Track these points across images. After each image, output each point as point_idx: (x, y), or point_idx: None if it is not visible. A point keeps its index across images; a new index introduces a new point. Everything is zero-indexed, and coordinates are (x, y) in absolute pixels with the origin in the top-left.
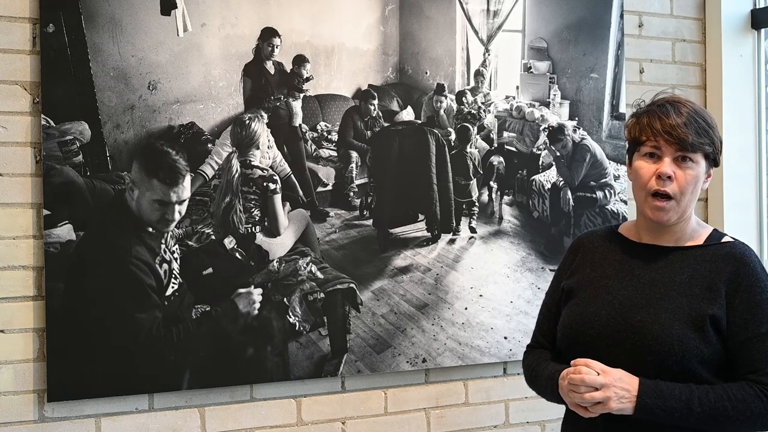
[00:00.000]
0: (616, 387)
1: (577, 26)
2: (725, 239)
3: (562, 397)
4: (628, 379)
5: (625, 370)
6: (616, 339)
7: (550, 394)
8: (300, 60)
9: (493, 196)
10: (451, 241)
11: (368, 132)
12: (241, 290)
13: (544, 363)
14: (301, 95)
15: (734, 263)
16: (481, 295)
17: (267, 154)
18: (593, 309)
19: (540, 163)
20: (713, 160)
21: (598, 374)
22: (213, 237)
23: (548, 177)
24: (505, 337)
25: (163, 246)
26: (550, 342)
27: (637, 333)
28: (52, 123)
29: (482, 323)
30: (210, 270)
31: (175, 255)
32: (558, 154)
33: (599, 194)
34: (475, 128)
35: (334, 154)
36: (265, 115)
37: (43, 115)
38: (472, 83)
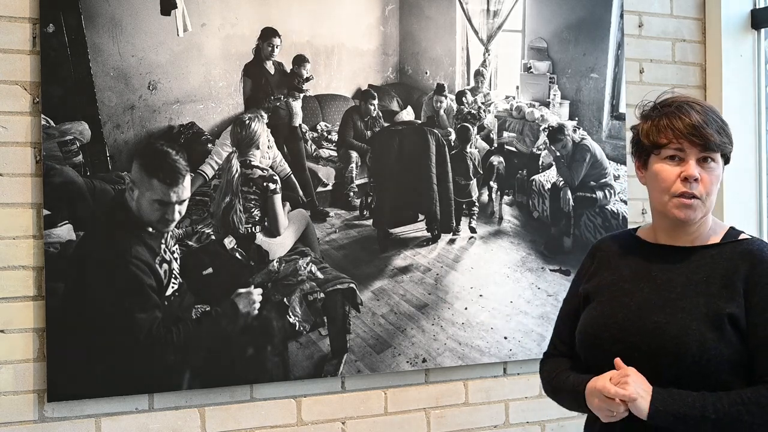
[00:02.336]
0: (634, 378)
1: (577, 26)
2: (742, 236)
3: (590, 407)
4: (645, 380)
5: (643, 372)
6: (632, 341)
7: (574, 407)
8: (300, 60)
9: (493, 196)
10: (451, 241)
11: (368, 132)
12: (241, 290)
13: (564, 374)
14: (301, 95)
15: (751, 260)
16: (481, 295)
17: (267, 154)
18: (610, 312)
19: (540, 163)
20: (727, 159)
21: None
22: (213, 237)
23: (548, 177)
24: (505, 337)
25: (163, 246)
26: (569, 349)
27: (654, 334)
28: (52, 123)
29: (482, 323)
30: (210, 270)
31: (175, 255)
32: (558, 154)
33: (599, 194)
34: (475, 128)
35: (334, 154)
36: (265, 115)
37: (43, 115)
38: (472, 83)
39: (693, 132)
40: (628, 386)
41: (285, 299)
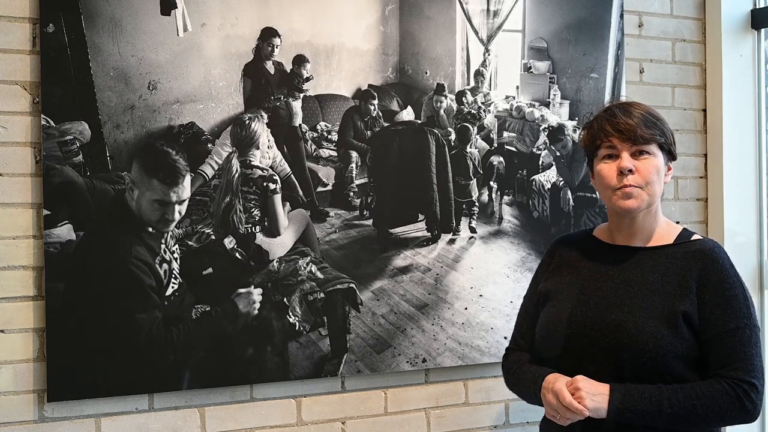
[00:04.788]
0: (585, 386)
1: (577, 26)
2: (694, 237)
3: (545, 406)
4: (596, 383)
5: (603, 368)
6: (592, 338)
7: (532, 397)
8: (300, 60)
9: (493, 196)
10: (451, 241)
11: (368, 132)
12: (241, 290)
13: (524, 366)
14: (301, 95)
15: (703, 260)
16: (481, 295)
17: (267, 154)
18: (569, 310)
19: (540, 163)
20: (669, 153)
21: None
22: (213, 237)
23: (548, 177)
24: (505, 337)
25: (163, 246)
26: (529, 344)
27: (613, 331)
28: (52, 123)
29: (482, 323)
30: (210, 270)
31: (175, 255)
32: (558, 154)
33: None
34: (475, 128)
35: (334, 154)
36: (265, 115)
37: (43, 115)
38: (472, 83)
39: (620, 128)
40: (584, 401)
41: (285, 299)
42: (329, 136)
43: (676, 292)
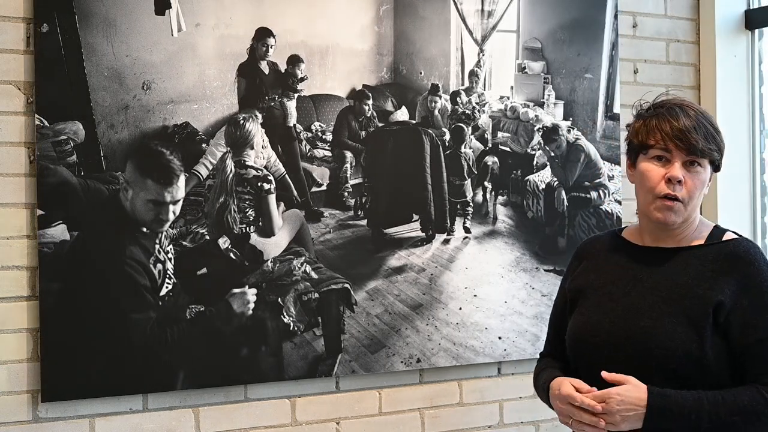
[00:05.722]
0: (620, 410)
1: (571, 26)
2: (726, 236)
3: (556, 413)
4: (634, 394)
5: (630, 374)
6: (620, 346)
7: (550, 406)
8: (294, 60)
9: (488, 196)
10: (446, 241)
11: (363, 132)
12: (236, 290)
13: (543, 372)
14: (296, 95)
15: (738, 263)
16: (475, 295)
17: (261, 154)
18: (598, 317)
19: (534, 163)
20: (716, 166)
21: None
22: (207, 237)
23: (542, 177)
24: (500, 337)
25: (157, 246)
26: (556, 349)
27: (641, 339)
28: (46, 123)
29: (476, 323)
30: (204, 270)
31: (170, 255)
32: (552, 154)
33: (593, 194)
34: (470, 128)
35: (329, 154)
36: (260, 115)
37: (37, 115)
38: (467, 83)
39: (679, 135)
40: (619, 426)
41: (279, 299)
42: (324, 136)
43: (707, 296)
